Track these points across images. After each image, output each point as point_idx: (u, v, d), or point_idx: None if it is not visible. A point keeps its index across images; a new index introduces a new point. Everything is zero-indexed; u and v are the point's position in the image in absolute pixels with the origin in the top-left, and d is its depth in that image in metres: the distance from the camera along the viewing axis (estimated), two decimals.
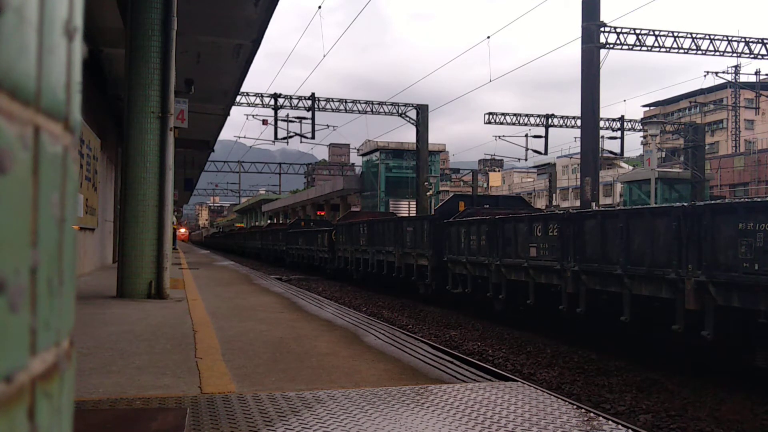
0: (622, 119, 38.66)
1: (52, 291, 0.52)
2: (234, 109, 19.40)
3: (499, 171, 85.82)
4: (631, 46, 28.26)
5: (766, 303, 5.68)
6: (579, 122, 30.13)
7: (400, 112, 35.81)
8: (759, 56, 30.29)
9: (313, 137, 33.20)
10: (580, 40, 26.40)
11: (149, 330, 6.10)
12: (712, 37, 29.84)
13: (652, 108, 74.89)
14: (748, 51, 30.07)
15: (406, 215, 32.66)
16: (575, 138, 36.96)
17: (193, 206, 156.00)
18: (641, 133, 42.82)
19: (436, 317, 11.44)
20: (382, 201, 44.34)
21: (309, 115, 33.38)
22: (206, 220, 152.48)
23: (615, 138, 38.65)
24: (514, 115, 37.99)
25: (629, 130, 39.18)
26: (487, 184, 75.14)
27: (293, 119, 33.21)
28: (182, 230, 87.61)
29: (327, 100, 34.52)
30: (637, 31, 28.35)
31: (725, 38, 29.82)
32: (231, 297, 9.81)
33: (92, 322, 6.47)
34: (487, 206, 13.91)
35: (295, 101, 33.43)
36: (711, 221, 6.30)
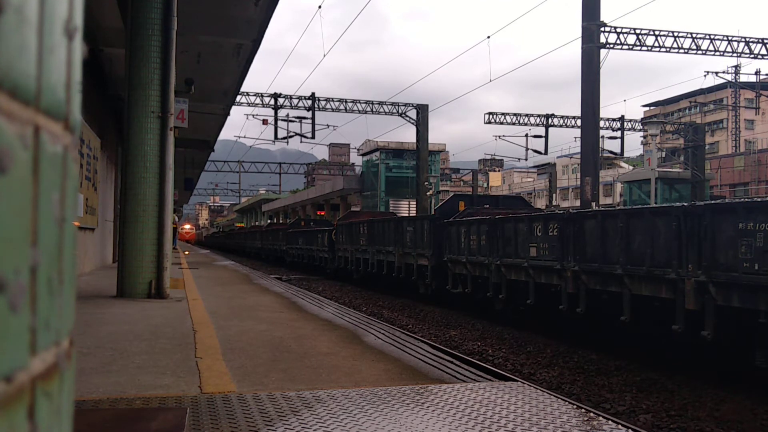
0: (622, 119, 38.66)
1: (52, 291, 0.52)
2: (234, 109, 19.41)
3: (499, 171, 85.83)
4: (631, 46, 28.25)
5: (766, 303, 5.68)
6: (579, 122, 30.13)
7: (400, 111, 35.81)
8: (759, 56, 30.28)
9: (313, 137, 33.20)
10: (579, 40, 26.40)
11: (149, 330, 6.10)
12: (712, 37, 29.84)
13: (652, 108, 74.89)
14: (748, 51, 30.06)
15: (406, 215, 32.65)
16: (575, 138, 36.99)
17: (193, 206, 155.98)
18: (641, 133, 42.84)
19: (436, 317, 11.44)
20: (382, 201, 44.33)
21: (309, 114, 33.39)
22: (206, 219, 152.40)
23: (615, 138, 38.66)
24: (514, 115, 37.98)
25: (629, 130, 39.19)
26: (487, 184, 75.13)
27: (293, 119, 33.22)
28: (187, 227, 78.32)
29: (327, 99, 34.53)
30: (637, 31, 28.34)
31: (725, 38, 29.82)
32: (231, 296, 9.81)
33: (92, 322, 6.47)
34: (487, 206, 13.90)
35: (295, 101, 33.44)
36: (711, 221, 6.30)
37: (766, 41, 30.18)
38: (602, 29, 26.68)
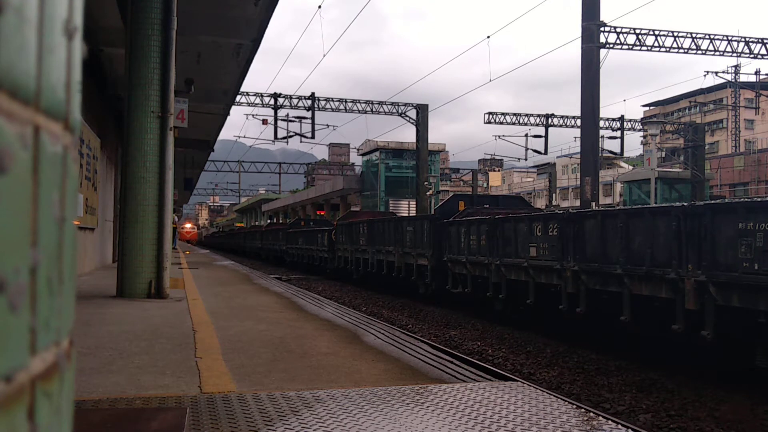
0: (622, 119, 38.66)
1: (52, 290, 0.52)
2: (234, 109, 19.41)
3: (499, 171, 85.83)
4: (631, 46, 28.26)
5: (766, 303, 5.68)
6: (579, 122, 30.13)
7: (399, 111, 35.81)
8: (759, 56, 30.29)
9: (313, 137, 33.21)
10: (579, 40, 26.40)
11: (149, 330, 6.10)
12: (712, 36, 29.84)
13: (652, 108, 74.90)
14: (748, 51, 30.07)
15: (406, 215, 32.65)
16: (575, 138, 36.96)
17: (193, 206, 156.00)
18: (641, 133, 42.85)
19: (436, 317, 11.44)
20: (382, 201, 44.33)
21: (309, 114, 33.39)
22: (206, 219, 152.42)
23: (615, 138, 38.67)
24: (514, 114, 37.98)
25: (629, 129, 39.20)
26: (487, 184, 75.12)
27: (293, 119, 33.23)
28: (188, 226, 75.13)
29: (327, 99, 34.53)
30: (637, 31, 28.36)
31: (725, 38, 29.83)
32: (231, 296, 9.81)
33: (92, 322, 6.47)
34: (487, 206, 13.90)
35: (294, 101, 33.44)
36: (711, 221, 6.30)
37: (766, 41, 30.19)
38: (602, 29, 26.68)
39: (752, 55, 30.30)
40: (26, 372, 0.46)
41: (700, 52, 29.24)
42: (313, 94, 33.63)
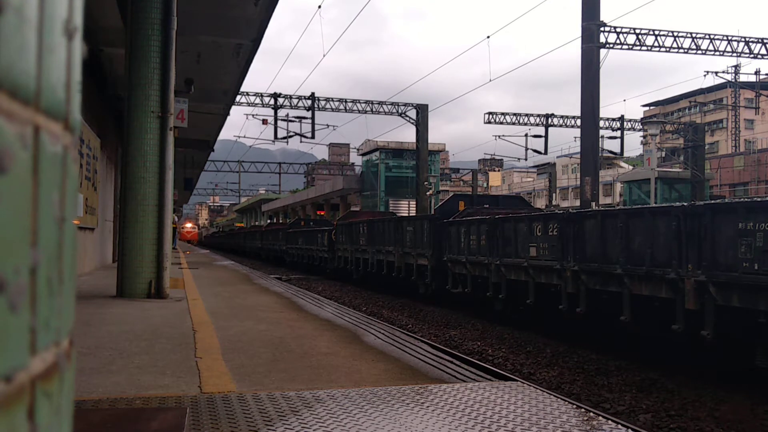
0: (621, 119, 38.67)
1: (52, 290, 0.52)
2: (234, 109, 19.40)
3: (499, 171, 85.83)
4: (631, 46, 28.26)
5: (766, 303, 5.68)
6: (579, 122, 30.12)
7: (399, 111, 35.81)
8: (759, 56, 30.29)
9: (313, 137, 33.21)
10: (579, 40, 26.39)
11: (149, 330, 6.10)
12: (712, 36, 29.85)
13: (651, 108, 74.90)
14: (748, 51, 30.07)
15: (406, 215, 32.65)
16: (575, 138, 36.96)
17: (193, 206, 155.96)
18: (641, 133, 42.84)
19: (436, 317, 11.44)
20: (382, 201, 44.34)
21: (309, 114, 33.39)
22: (206, 219, 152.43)
23: (615, 138, 38.67)
24: (514, 114, 37.98)
25: (629, 129, 39.20)
26: (487, 184, 75.11)
27: (293, 119, 33.23)
28: (188, 225, 74.62)
29: (327, 99, 34.53)
30: (637, 31, 28.36)
31: (725, 38, 29.83)
32: (231, 296, 9.81)
33: (92, 322, 6.47)
34: (487, 206, 13.89)
35: (294, 101, 33.45)
36: (711, 221, 6.30)
37: (765, 41, 30.19)
38: (602, 29, 26.67)
39: (752, 55, 30.30)
40: (26, 372, 0.46)
41: (700, 52, 29.24)
42: (313, 94, 33.64)
